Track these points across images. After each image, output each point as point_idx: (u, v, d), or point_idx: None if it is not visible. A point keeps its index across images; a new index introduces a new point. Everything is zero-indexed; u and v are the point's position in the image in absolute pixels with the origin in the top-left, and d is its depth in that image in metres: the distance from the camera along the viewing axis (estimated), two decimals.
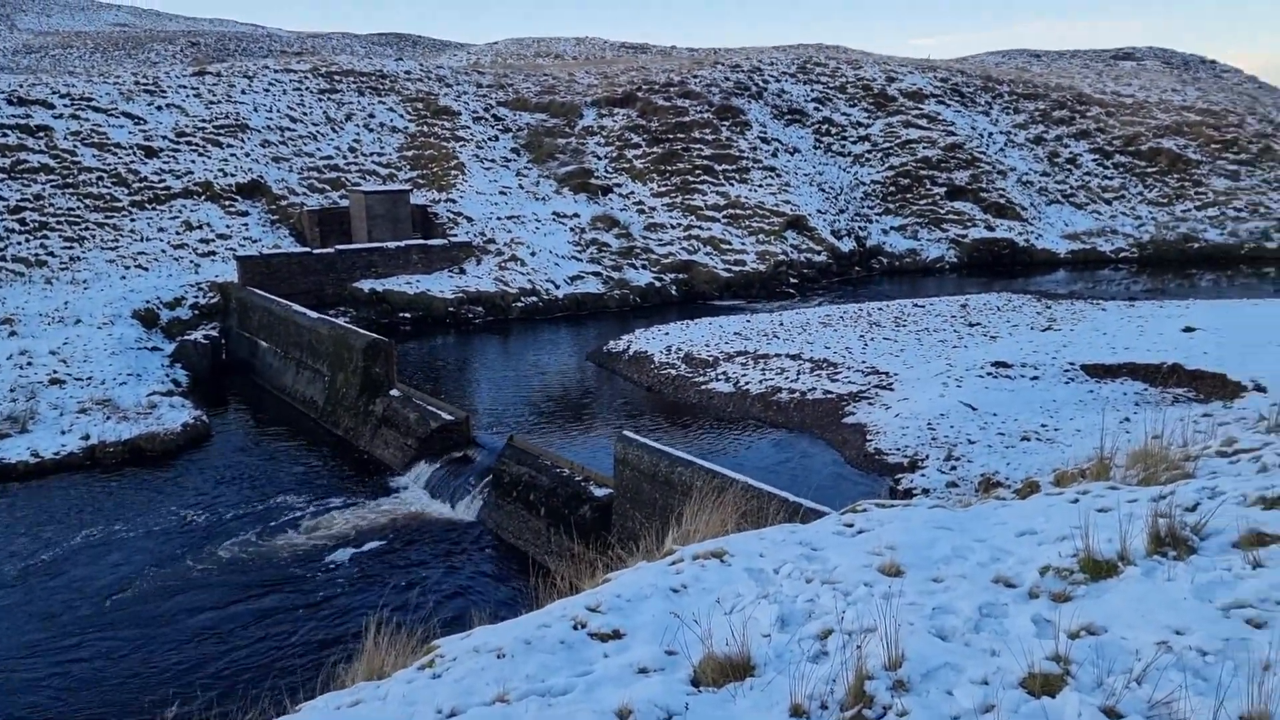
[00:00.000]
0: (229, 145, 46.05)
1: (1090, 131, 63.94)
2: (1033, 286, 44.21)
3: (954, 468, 19.05)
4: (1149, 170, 60.75)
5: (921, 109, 62.11)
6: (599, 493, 17.29)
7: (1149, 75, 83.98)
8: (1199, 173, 60.18)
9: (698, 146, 53.29)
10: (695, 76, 60.90)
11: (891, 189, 56.03)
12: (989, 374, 25.10)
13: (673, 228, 47.47)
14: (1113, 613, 4.61)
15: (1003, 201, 55.58)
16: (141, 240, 39.22)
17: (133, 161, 43.02)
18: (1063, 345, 27.87)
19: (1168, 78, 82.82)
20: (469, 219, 44.73)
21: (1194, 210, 57.26)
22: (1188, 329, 28.61)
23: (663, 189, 50.37)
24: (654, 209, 48.79)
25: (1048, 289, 43.37)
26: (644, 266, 44.36)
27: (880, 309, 35.55)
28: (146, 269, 37.53)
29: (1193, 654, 4.15)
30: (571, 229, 46.01)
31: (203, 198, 42.55)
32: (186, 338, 32.61)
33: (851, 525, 6.61)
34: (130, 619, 15.48)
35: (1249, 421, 15.96)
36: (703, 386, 26.67)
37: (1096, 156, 62.13)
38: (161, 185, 42.37)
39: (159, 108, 47.06)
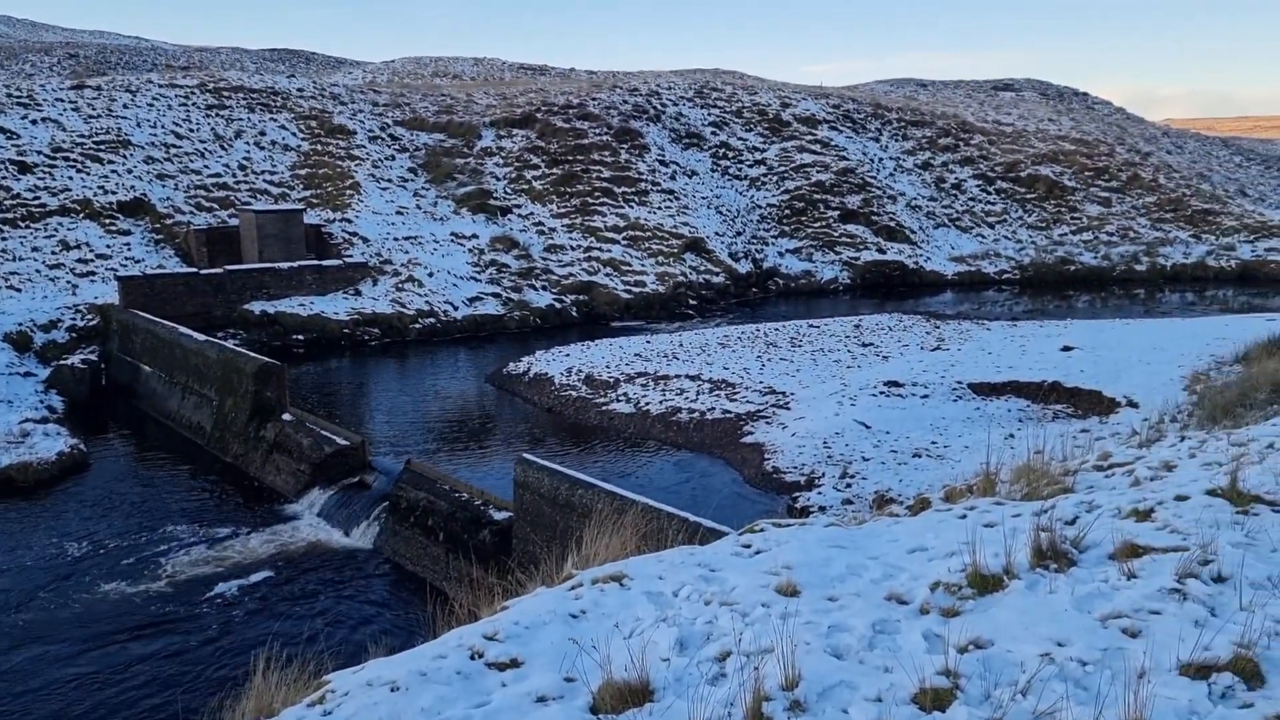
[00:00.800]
0: (110, 162, 44.24)
1: (974, 158, 66.56)
2: (922, 307, 45.64)
3: (849, 485, 19.46)
4: (1028, 196, 63.54)
5: (815, 134, 63.72)
6: (499, 516, 17.09)
7: (1027, 106, 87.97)
8: (1074, 199, 63.21)
9: (597, 168, 53.52)
10: (594, 99, 61.22)
11: (787, 212, 57.23)
12: (882, 393, 25.77)
13: (573, 249, 47.49)
14: (999, 626, 4.76)
15: (893, 225, 57.32)
16: (14, 260, 37.27)
17: (4, 178, 40.92)
18: (951, 364, 28.80)
19: (1044, 108, 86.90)
20: (365, 239, 43.90)
21: (1070, 234, 60.09)
22: (1066, 348, 29.94)
23: (562, 210, 50.38)
24: (554, 230, 48.75)
25: (936, 309, 44.83)
26: (544, 288, 44.23)
27: (777, 330, 36.19)
28: (19, 290, 35.65)
29: (1074, 664, 4.31)
30: (470, 250, 45.59)
31: (81, 216, 40.73)
32: (63, 362, 31.08)
33: (749, 546, 6.67)
34: None
35: (1123, 436, 16.77)
36: (604, 408, 26.67)
37: (980, 182, 64.68)
38: (36, 203, 40.41)
39: (34, 121, 44.94)
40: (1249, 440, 8.79)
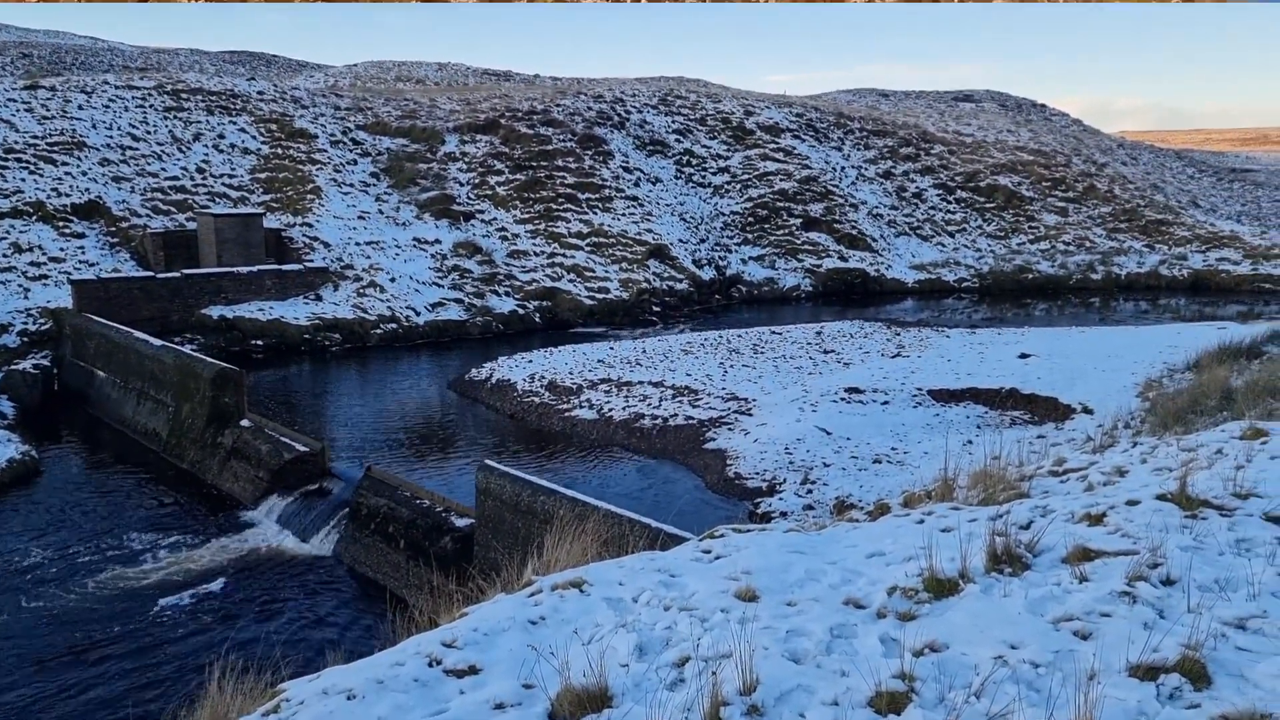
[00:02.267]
0: (64, 163, 43.47)
1: (934, 168, 67.36)
2: (883, 315, 46.04)
3: (810, 491, 19.57)
4: (988, 205, 64.41)
5: (778, 143, 64.14)
6: (460, 523, 16.99)
7: (986, 117, 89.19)
8: (1032, 209, 64.18)
9: (561, 174, 53.49)
10: (558, 105, 61.20)
11: (750, 219, 57.54)
12: (843, 399, 25.96)
13: (536, 255, 47.40)
14: (954, 630, 4.81)
15: (855, 233, 57.82)
16: None
17: None
18: (911, 371, 29.09)
19: (1003, 119, 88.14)
20: (326, 244, 43.50)
21: (1028, 244, 60.99)
22: (1023, 355, 30.37)
23: (526, 216, 50.28)
24: (517, 236, 48.63)
25: (897, 317, 45.25)
26: (507, 294, 44.09)
27: (739, 336, 36.33)
28: None
29: (1026, 667, 4.37)
30: (433, 255, 45.34)
31: (34, 218, 39.95)
32: (14, 367, 30.47)
33: (709, 551, 6.69)
34: None
35: (1078, 442, 17.03)
36: (567, 414, 26.62)
37: (940, 192, 65.46)
38: None
39: None
40: (1198, 446, 8.97)
